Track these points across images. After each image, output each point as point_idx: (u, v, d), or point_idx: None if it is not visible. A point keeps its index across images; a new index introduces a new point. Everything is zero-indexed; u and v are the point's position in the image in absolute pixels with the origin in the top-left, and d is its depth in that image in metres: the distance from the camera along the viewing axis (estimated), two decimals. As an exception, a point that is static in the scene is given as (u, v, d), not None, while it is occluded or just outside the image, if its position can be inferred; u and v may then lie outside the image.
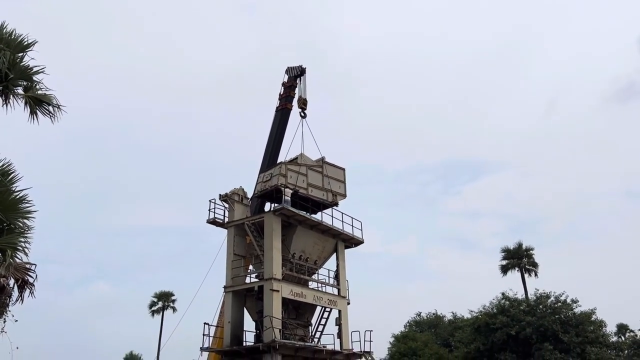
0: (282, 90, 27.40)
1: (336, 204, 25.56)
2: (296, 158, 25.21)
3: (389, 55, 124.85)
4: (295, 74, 27.38)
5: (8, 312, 10.95)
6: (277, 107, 27.13)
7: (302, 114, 26.79)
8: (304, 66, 27.41)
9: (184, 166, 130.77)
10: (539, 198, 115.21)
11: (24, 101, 9.86)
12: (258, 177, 25.18)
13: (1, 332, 10.60)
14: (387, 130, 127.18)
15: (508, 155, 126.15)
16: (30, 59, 9.91)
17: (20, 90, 9.90)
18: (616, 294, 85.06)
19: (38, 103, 9.93)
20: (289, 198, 22.91)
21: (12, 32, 9.82)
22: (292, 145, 26.08)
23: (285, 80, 27.57)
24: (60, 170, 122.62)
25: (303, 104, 26.90)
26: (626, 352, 39.63)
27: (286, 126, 26.70)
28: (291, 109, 26.95)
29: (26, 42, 9.86)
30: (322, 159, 25.83)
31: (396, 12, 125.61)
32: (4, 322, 10.88)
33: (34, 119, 9.93)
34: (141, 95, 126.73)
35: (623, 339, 47.80)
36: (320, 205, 25.00)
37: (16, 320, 11.11)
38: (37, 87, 9.97)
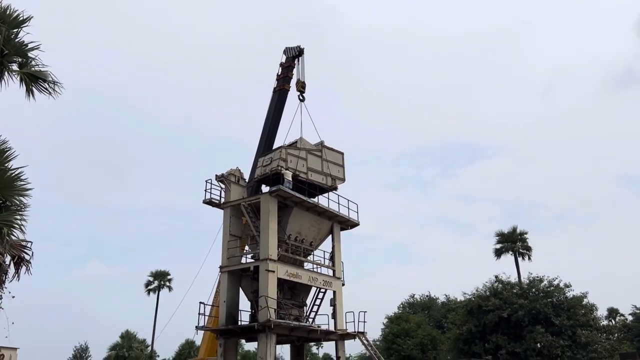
0: (280, 71, 27.11)
1: (335, 188, 25.57)
2: (295, 142, 25.09)
3: (388, 39, 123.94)
4: (293, 55, 27.06)
5: (4, 288, 10.99)
6: (274, 88, 26.87)
7: (301, 98, 26.53)
8: (302, 47, 27.09)
9: (179, 146, 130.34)
10: (535, 183, 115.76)
11: (19, 78, 9.75)
12: (257, 161, 25.06)
13: (-1, 308, 10.66)
14: (386, 113, 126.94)
15: (505, 140, 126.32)
16: (26, 33, 9.77)
17: (15, 67, 9.78)
18: (608, 278, 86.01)
19: (34, 80, 9.81)
20: (291, 180, 22.94)
21: (8, 7, 9.67)
22: (290, 128, 25.96)
23: (283, 60, 27.27)
24: (56, 149, 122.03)
25: (302, 87, 26.59)
26: (616, 335, 40.19)
27: (283, 108, 26.49)
28: (289, 90, 26.72)
29: (22, 18, 9.71)
30: (321, 143, 25.73)
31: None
32: (1, 298, 10.93)
33: (30, 96, 9.83)
34: (137, 75, 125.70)
35: (613, 322, 48.47)
36: (318, 189, 25.00)
37: (13, 297, 11.17)
38: (33, 63, 9.84)
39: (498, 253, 41.80)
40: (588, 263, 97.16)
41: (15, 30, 9.69)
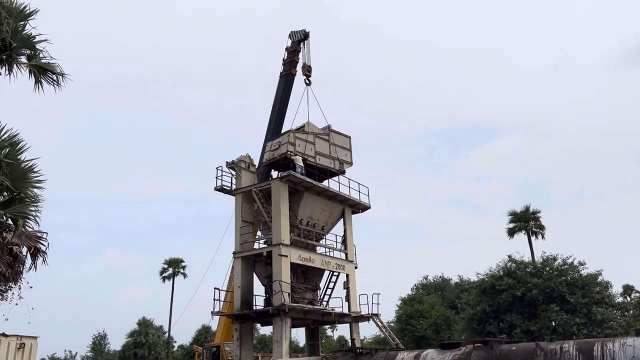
0: (286, 55, 27.02)
1: (343, 172, 25.61)
2: (303, 126, 25.08)
3: (397, 17, 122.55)
4: (299, 39, 26.93)
5: (22, 279, 11.21)
6: (281, 73, 26.81)
7: (307, 82, 26.47)
8: (307, 30, 26.94)
9: (189, 133, 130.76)
10: (548, 160, 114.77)
11: (28, 70, 9.80)
12: (265, 145, 25.12)
13: (19, 298, 10.88)
14: (395, 93, 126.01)
15: (517, 118, 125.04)
16: (32, 27, 9.79)
17: (23, 59, 9.82)
18: (623, 255, 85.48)
19: (42, 72, 9.85)
20: (302, 165, 23.02)
21: (14, 0, 9.68)
22: (297, 113, 25.96)
23: (289, 45, 27.16)
24: (69, 139, 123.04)
25: (308, 71, 26.53)
26: (631, 312, 40.05)
27: (291, 92, 26.45)
28: (295, 74, 26.64)
29: (28, 11, 9.73)
30: (329, 127, 25.73)
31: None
32: (19, 288, 11.15)
33: (39, 88, 9.89)
34: (146, 62, 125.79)
35: (629, 299, 48.24)
36: (328, 173, 25.06)
37: (31, 287, 11.39)
38: (41, 55, 9.88)
39: (511, 232, 41.65)
40: (602, 240, 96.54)
41: (22, 22, 9.71)
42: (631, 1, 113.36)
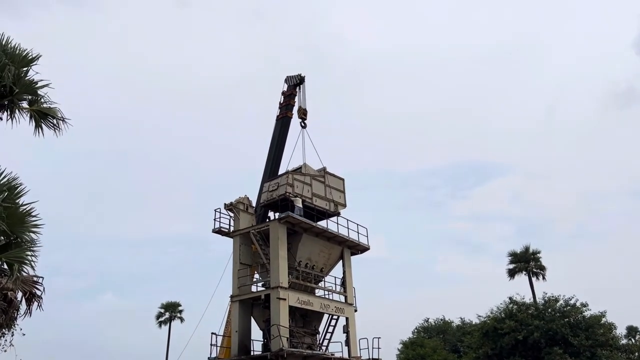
0: (282, 99, 27.55)
1: (338, 214, 25.68)
2: (300, 168, 25.34)
3: (394, 60, 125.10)
4: (295, 83, 27.52)
5: (16, 325, 10.99)
6: (277, 116, 27.27)
7: (303, 124, 26.92)
8: (302, 75, 27.59)
9: (187, 176, 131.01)
10: (547, 200, 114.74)
11: (29, 115, 9.94)
12: (263, 186, 25.23)
13: (10, 345, 10.64)
14: (394, 134, 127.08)
15: (515, 158, 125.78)
16: (35, 73, 9.99)
17: (25, 104, 9.97)
18: (625, 296, 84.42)
19: (43, 116, 10.00)
20: (301, 206, 23.06)
21: (17, 47, 9.90)
22: (293, 155, 26.28)
23: (285, 89, 27.72)
24: (65, 181, 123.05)
25: (303, 114, 27.04)
26: (636, 354, 39.28)
27: (287, 135, 26.82)
28: (291, 117, 27.08)
29: (30, 57, 9.94)
30: (324, 169, 26.03)
31: (400, 18, 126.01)
32: (12, 335, 10.92)
33: (39, 132, 10.00)
34: (144, 105, 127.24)
35: (633, 341, 47.42)
36: (326, 214, 25.09)
37: (24, 334, 11.16)
38: (42, 100, 10.04)
39: (511, 273, 41.30)
40: (604, 280, 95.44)
41: (24, 68, 9.91)
42: (620, 45, 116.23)
